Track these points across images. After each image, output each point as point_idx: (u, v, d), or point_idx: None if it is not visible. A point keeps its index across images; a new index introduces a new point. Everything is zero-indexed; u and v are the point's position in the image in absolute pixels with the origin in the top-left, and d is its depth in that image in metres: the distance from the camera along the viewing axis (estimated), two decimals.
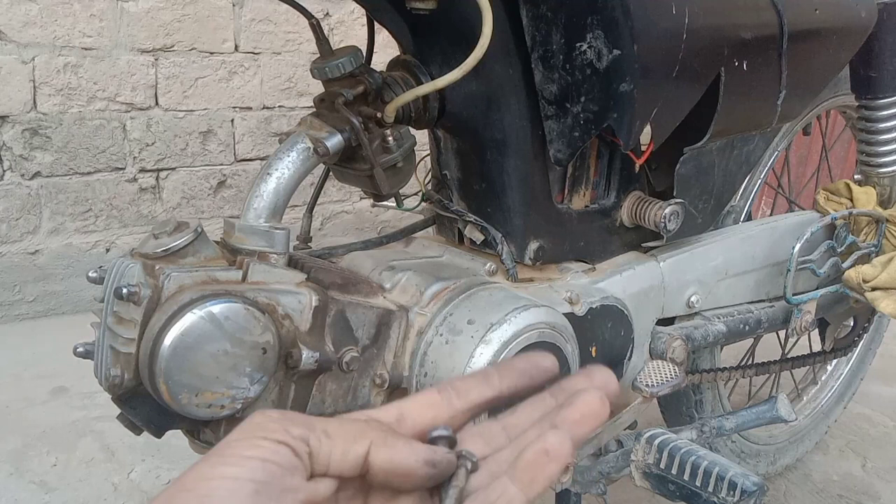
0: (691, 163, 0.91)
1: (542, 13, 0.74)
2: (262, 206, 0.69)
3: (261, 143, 2.44)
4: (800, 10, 0.91)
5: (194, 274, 0.62)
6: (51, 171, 2.12)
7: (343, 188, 2.61)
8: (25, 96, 2.05)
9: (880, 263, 1.09)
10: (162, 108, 2.25)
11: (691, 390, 1.23)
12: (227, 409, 0.61)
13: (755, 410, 0.91)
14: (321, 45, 0.76)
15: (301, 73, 2.46)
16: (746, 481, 0.72)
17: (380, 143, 0.75)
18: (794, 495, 1.48)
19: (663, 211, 0.91)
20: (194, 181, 2.35)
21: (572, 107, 0.76)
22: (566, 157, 0.80)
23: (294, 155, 0.71)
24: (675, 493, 0.77)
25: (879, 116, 1.18)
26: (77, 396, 1.72)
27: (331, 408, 0.70)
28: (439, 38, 0.78)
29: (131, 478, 1.43)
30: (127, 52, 2.16)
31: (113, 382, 0.62)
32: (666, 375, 0.88)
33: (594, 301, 0.85)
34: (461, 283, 0.76)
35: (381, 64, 0.80)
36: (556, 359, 0.45)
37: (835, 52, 1.02)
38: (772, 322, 1.10)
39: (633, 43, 0.71)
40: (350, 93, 0.73)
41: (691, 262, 0.99)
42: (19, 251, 2.13)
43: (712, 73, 0.83)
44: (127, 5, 2.14)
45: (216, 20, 2.28)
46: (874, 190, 1.20)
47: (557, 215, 0.87)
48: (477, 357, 0.69)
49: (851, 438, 1.67)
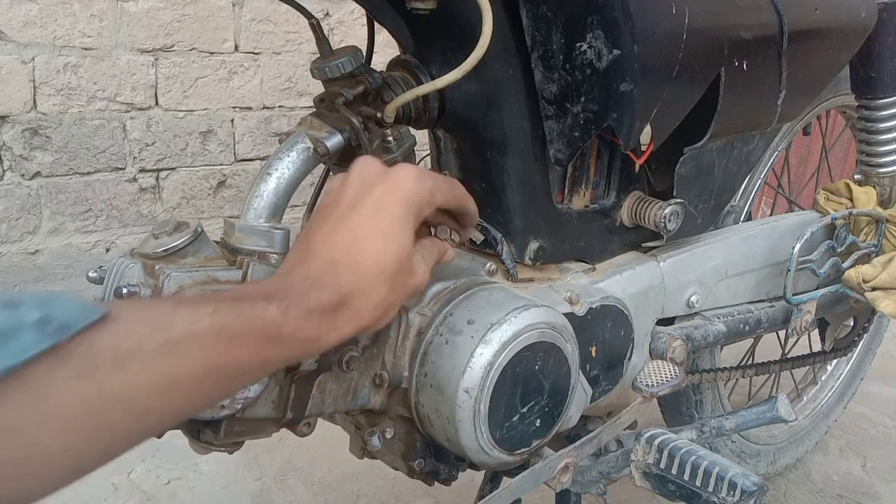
0: (691, 163, 0.91)
1: (542, 13, 0.74)
2: (262, 206, 0.69)
3: (261, 143, 2.44)
4: (800, 10, 0.91)
5: (194, 274, 0.62)
6: (51, 171, 2.12)
7: None
8: (25, 96, 2.05)
9: (880, 263, 1.09)
10: (162, 108, 2.25)
11: (691, 390, 1.23)
12: (226, 409, 0.61)
13: (755, 410, 0.91)
14: (321, 45, 0.76)
15: (301, 73, 2.45)
16: (746, 481, 0.72)
17: (380, 143, 0.75)
18: (794, 495, 1.48)
19: (663, 211, 0.91)
20: (194, 181, 2.35)
21: (572, 107, 0.76)
22: (566, 157, 0.80)
23: (294, 155, 0.71)
24: (675, 493, 0.77)
25: (879, 116, 1.18)
26: None
27: (331, 408, 0.70)
28: (439, 38, 0.78)
29: (131, 478, 1.43)
30: (127, 52, 2.16)
31: None
32: (666, 375, 0.88)
33: (594, 301, 0.85)
34: (461, 283, 0.76)
35: (381, 64, 0.80)
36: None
37: (835, 52, 1.02)
38: (772, 322, 1.10)
39: (633, 43, 0.71)
40: (350, 93, 0.73)
41: (691, 262, 0.99)
42: (19, 251, 2.13)
43: (712, 73, 0.83)
44: (127, 5, 2.14)
45: (216, 20, 2.28)
46: (874, 190, 1.20)
47: (557, 215, 0.87)
48: (477, 357, 0.69)
49: (851, 438, 1.67)
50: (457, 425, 0.70)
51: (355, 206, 0.57)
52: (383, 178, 0.59)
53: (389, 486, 1.43)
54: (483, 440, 0.71)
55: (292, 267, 0.56)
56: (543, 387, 0.75)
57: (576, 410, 0.83)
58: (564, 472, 0.81)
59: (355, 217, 0.57)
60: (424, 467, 0.79)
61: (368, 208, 0.57)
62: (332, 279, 0.54)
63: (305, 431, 0.71)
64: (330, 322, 0.53)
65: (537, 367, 0.74)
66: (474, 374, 0.69)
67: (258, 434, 0.68)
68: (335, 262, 0.55)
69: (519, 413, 0.74)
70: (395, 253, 0.56)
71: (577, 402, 0.81)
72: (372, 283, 0.55)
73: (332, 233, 0.56)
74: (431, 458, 0.79)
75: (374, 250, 0.55)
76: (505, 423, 0.73)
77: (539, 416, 0.76)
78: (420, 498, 1.40)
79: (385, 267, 0.55)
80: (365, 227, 0.56)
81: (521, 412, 0.74)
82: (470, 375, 0.69)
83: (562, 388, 0.77)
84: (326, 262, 0.55)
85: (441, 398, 0.71)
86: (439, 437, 0.74)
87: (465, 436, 0.71)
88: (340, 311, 0.53)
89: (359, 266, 0.55)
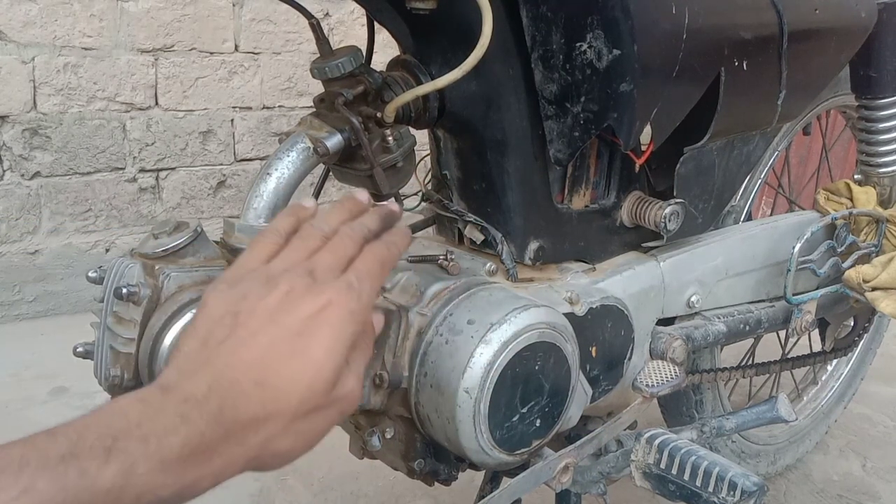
0: (691, 163, 0.91)
1: (542, 13, 0.74)
2: (261, 206, 0.69)
3: (261, 143, 2.44)
4: (800, 10, 0.91)
5: (194, 274, 0.62)
6: (51, 171, 2.12)
7: (343, 188, 2.61)
8: (25, 96, 2.05)
9: (880, 263, 1.09)
10: (162, 108, 2.25)
11: (691, 390, 1.23)
12: None
13: (755, 410, 0.91)
14: (321, 45, 0.76)
15: (301, 73, 2.45)
16: (747, 481, 0.72)
17: (380, 143, 0.75)
18: (794, 495, 1.48)
19: (663, 211, 0.91)
20: (194, 181, 2.35)
21: (572, 107, 0.76)
22: (566, 157, 0.80)
23: (294, 155, 0.71)
24: (675, 494, 0.77)
25: (879, 116, 1.18)
26: (77, 396, 1.72)
27: None
28: (439, 38, 0.78)
29: None
30: (127, 52, 2.16)
31: (113, 382, 0.62)
32: (666, 375, 0.88)
33: (594, 301, 0.85)
34: (461, 283, 0.76)
35: (381, 64, 0.80)
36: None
37: (835, 52, 1.02)
38: (772, 322, 1.10)
39: (633, 43, 0.71)
40: (350, 93, 0.73)
41: (691, 262, 0.99)
42: (19, 251, 2.13)
43: (712, 73, 0.83)
44: (127, 5, 2.14)
45: (216, 20, 2.28)
46: (874, 190, 1.20)
47: (557, 215, 0.87)
48: (477, 357, 0.69)
49: (851, 438, 1.67)
50: (457, 425, 0.70)
51: (275, 319, 0.47)
52: (322, 288, 0.49)
53: (389, 486, 1.43)
54: (483, 440, 0.71)
55: (175, 379, 0.45)
56: (543, 387, 0.75)
57: (576, 410, 0.83)
58: (564, 472, 0.81)
59: (273, 330, 0.47)
60: (424, 467, 0.79)
61: (292, 324, 0.47)
62: (230, 401, 0.43)
63: None
64: (206, 463, 0.42)
65: (537, 368, 0.73)
66: (474, 374, 0.69)
67: None
68: (235, 381, 0.44)
69: (519, 413, 0.74)
70: (321, 374, 0.47)
71: (577, 402, 0.81)
72: (286, 408, 0.45)
73: (237, 347, 0.46)
74: (431, 458, 0.79)
75: (293, 371, 0.46)
76: (505, 423, 0.73)
77: (539, 417, 0.76)
78: (420, 498, 1.40)
79: (308, 390, 0.46)
80: (286, 344, 0.46)
81: (521, 412, 0.74)
82: (470, 375, 0.69)
83: (562, 389, 0.77)
84: (223, 381, 0.44)
85: (441, 398, 0.71)
86: (439, 438, 0.74)
87: (465, 436, 0.71)
88: (228, 443, 0.43)
89: (269, 387, 0.45)
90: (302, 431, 0.47)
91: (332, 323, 0.48)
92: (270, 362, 0.45)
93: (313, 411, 0.47)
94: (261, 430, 0.44)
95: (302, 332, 0.47)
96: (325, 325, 0.47)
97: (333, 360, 0.47)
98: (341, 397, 0.49)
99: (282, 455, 0.47)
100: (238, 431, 0.43)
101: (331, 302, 0.48)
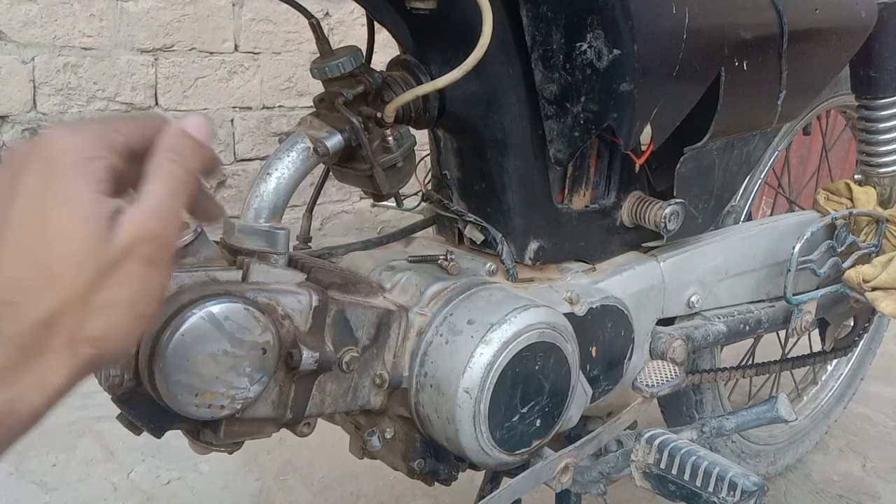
0: (691, 163, 0.91)
1: (542, 13, 0.74)
2: (261, 206, 0.69)
3: (261, 143, 2.44)
4: (800, 10, 0.91)
5: (194, 274, 0.62)
6: None
7: (343, 188, 2.61)
8: (25, 96, 2.05)
9: (880, 263, 1.09)
10: (162, 108, 2.25)
11: (691, 390, 1.23)
12: (226, 409, 0.61)
13: (755, 410, 0.91)
14: (321, 45, 0.76)
15: (301, 73, 2.45)
16: (746, 481, 0.72)
17: (380, 143, 0.75)
18: (794, 495, 1.48)
19: (663, 211, 0.91)
20: None
21: (572, 107, 0.76)
22: (566, 157, 0.80)
23: (294, 155, 0.71)
24: (675, 494, 0.77)
25: (879, 116, 1.18)
26: (77, 396, 1.70)
27: (331, 408, 0.70)
28: (439, 38, 0.78)
29: (131, 478, 1.43)
30: (127, 52, 2.16)
31: (113, 382, 0.62)
32: (666, 375, 0.88)
33: (594, 301, 0.85)
34: (461, 283, 0.76)
35: (381, 64, 0.80)
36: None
37: (835, 52, 1.02)
38: (772, 322, 1.10)
39: (633, 43, 0.71)
40: (350, 93, 0.73)
41: (691, 262, 0.99)
42: None
43: (712, 72, 0.83)
44: (127, 5, 2.14)
45: (216, 20, 2.28)
46: (874, 190, 1.20)
47: (557, 215, 0.87)
48: (477, 357, 0.69)
49: (851, 438, 1.67)
50: (457, 425, 0.70)
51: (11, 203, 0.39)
52: (32, 154, 0.40)
53: (389, 486, 1.43)
54: (483, 440, 0.71)
55: None
56: (543, 387, 0.75)
57: (576, 410, 0.83)
58: (564, 472, 0.81)
59: (16, 215, 0.39)
60: (424, 467, 0.79)
61: (29, 199, 0.39)
62: (13, 308, 0.38)
63: (305, 432, 0.71)
64: (13, 383, 0.38)
65: (537, 368, 0.74)
66: (474, 374, 0.69)
67: (258, 434, 0.68)
68: (16, 279, 0.38)
69: (519, 413, 0.74)
70: (70, 239, 0.38)
71: (577, 402, 0.81)
72: (61, 295, 0.38)
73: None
74: (431, 458, 0.79)
75: (65, 242, 0.38)
76: (505, 423, 0.73)
77: (539, 417, 0.76)
78: (420, 498, 1.40)
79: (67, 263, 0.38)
80: (36, 222, 0.39)
81: (521, 412, 0.74)
82: (470, 375, 0.69)
83: (562, 389, 0.77)
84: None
85: (441, 398, 0.71)
86: (439, 438, 0.74)
87: (465, 436, 0.71)
88: (27, 356, 0.38)
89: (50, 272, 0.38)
90: (109, 303, 0.40)
91: (59, 174, 0.39)
92: (17, 262, 0.38)
93: (101, 275, 0.39)
94: (54, 328, 0.39)
95: (31, 208, 0.39)
96: (52, 181, 0.39)
97: (77, 214, 0.39)
98: (130, 238, 0.40)
99: (106, 338, 0.41)
100: (28, 343, 0.38)
101: (50, 150, 0.40)
